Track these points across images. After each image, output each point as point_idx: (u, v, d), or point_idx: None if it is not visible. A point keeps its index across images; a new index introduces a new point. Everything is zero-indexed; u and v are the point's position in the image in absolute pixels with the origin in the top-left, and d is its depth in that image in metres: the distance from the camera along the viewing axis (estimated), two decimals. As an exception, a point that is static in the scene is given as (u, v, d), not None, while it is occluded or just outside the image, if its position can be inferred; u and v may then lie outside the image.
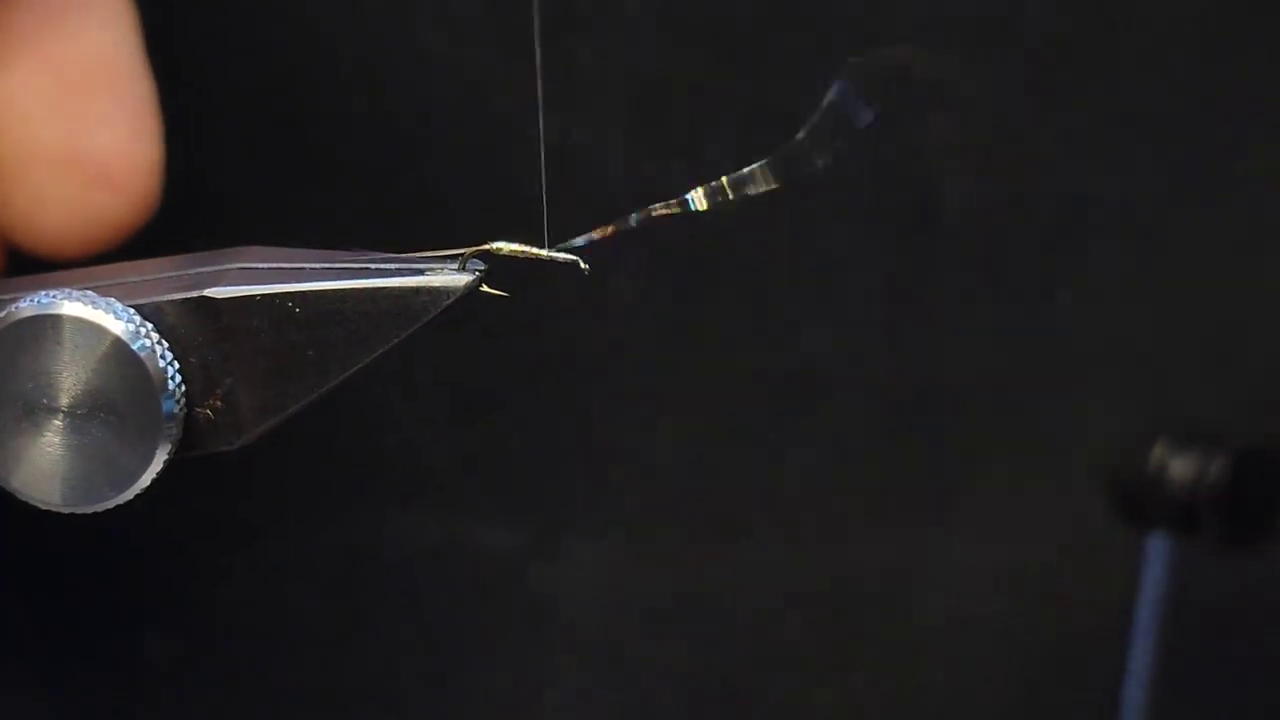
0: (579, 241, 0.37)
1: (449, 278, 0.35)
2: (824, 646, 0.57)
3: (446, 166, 0.49)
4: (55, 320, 0.34)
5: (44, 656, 0.54)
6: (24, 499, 0.35)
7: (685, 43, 0.53)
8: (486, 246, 0.36)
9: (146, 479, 0.35)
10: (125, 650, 0.55)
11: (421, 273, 0.35)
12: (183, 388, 0.35)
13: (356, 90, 0.50)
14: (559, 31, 0.46)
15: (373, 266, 0.35)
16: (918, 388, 0.56)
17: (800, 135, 0.37)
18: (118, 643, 0.54)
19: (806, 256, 0.55)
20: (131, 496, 0.35)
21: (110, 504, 0.35)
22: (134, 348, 0.34)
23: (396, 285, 0.35)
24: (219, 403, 0.36)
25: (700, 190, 0.38)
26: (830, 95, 0.37)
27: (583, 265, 0.36)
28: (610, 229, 0.37)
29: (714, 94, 0.54)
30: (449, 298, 0.35)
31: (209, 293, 0.35)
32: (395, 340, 0.35)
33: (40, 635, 0.54)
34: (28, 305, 0.34)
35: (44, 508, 0.35)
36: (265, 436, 0.36)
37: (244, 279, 0.35)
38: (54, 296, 0.34)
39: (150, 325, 0.35)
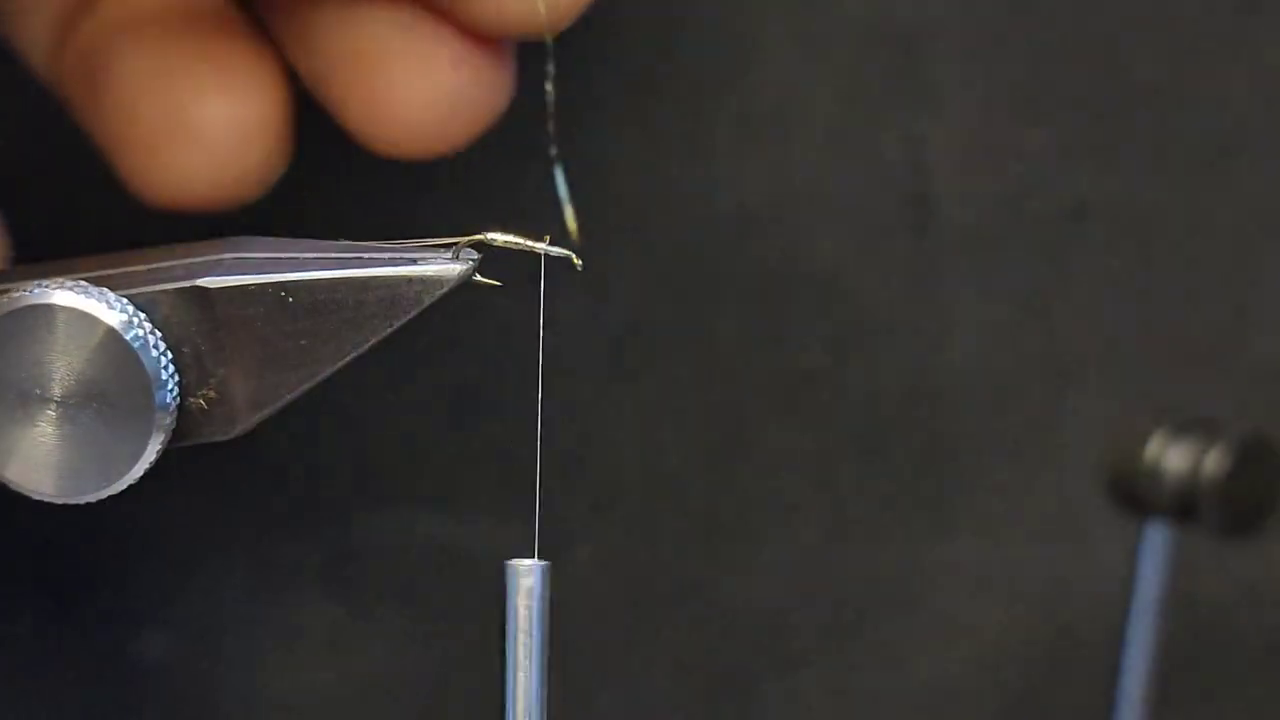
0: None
1: (442, 267, 0.35)
2: (824, 646, 0.57)
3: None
4: (48, 310, 0.34)
5: (41, 654, 0.54)
6: (17, 490, 0.35)
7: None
8: (480, 236, 0.36)
9: (139, 469, 0.35)
10: (122, 648, 0.54)
11: (414, 262, 0.35)
12: (176, 378, 0.35)
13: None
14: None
15: (366, 256, 0.35)
16: (918, 387, 0.56)
17: None
18: (114, 640, 0.54)
19: (807, 257, 0.55)
20: (124, 487, 0.35)
21: (103, 494, 0.35)
22: (127, 338, 0.34)
23: (389, 274, 0.35)
24: (212, 393, 0.36)
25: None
26: None
27: (576, 260, 0.36)
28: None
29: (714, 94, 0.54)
30: (442, 287, 0.35)
31: (202, 282, 0.35)
32: (389, 329, 0.35)
33: (36, 632, 0.54)
34: (20, 295, 0.34)
35: (37, 498, 0.35)
36: (259, 426, 0.36)
37: (237, 268, 0.35)
38: (47, 287, 0.34)
39: (143, 315, 0.35)
